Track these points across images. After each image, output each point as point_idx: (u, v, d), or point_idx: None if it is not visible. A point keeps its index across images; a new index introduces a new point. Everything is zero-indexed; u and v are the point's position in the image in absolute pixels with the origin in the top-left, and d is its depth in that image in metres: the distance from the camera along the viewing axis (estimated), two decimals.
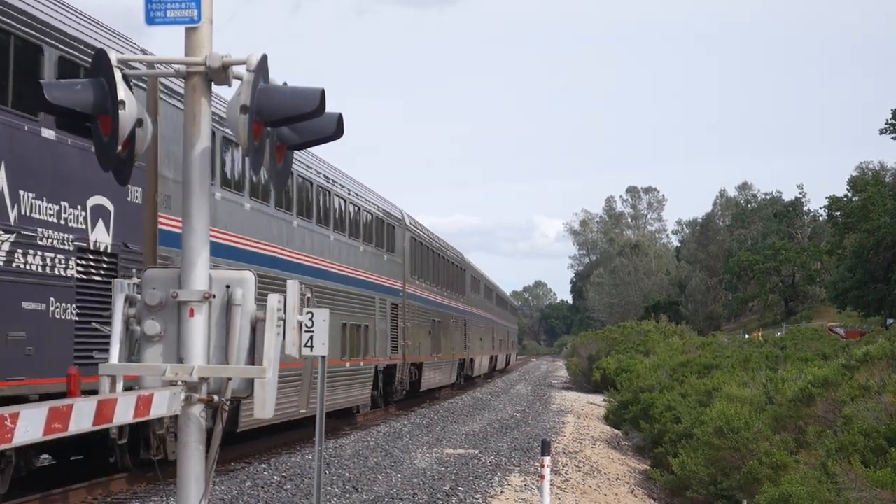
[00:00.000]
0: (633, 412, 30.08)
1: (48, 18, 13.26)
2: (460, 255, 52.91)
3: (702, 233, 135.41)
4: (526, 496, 16.82)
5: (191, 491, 6.57)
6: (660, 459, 22.34)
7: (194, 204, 6.67)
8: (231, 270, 6.99)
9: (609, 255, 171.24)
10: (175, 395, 6.40)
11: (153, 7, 6.64)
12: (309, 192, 24.37)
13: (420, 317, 37.07)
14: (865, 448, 13.94)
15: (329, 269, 25.52)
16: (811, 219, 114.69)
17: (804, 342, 44.50)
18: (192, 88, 6.69)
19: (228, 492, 16.37)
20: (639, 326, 69.61)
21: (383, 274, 31.42)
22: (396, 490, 16.95)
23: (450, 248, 48.63)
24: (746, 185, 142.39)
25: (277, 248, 21.61)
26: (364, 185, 31.40)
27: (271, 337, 6.71)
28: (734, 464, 17.52)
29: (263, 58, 6.63)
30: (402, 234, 35.06)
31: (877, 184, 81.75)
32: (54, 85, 6.84)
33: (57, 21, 13.50)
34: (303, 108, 6.63)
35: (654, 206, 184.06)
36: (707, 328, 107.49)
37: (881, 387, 16.43)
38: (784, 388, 19.96)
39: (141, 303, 6.74)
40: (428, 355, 38.52)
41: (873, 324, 71.98)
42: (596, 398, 45.23)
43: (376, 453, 22.20)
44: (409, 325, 34.36)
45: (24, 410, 4.91)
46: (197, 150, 6.66)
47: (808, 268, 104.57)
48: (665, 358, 39.93)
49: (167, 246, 15.85)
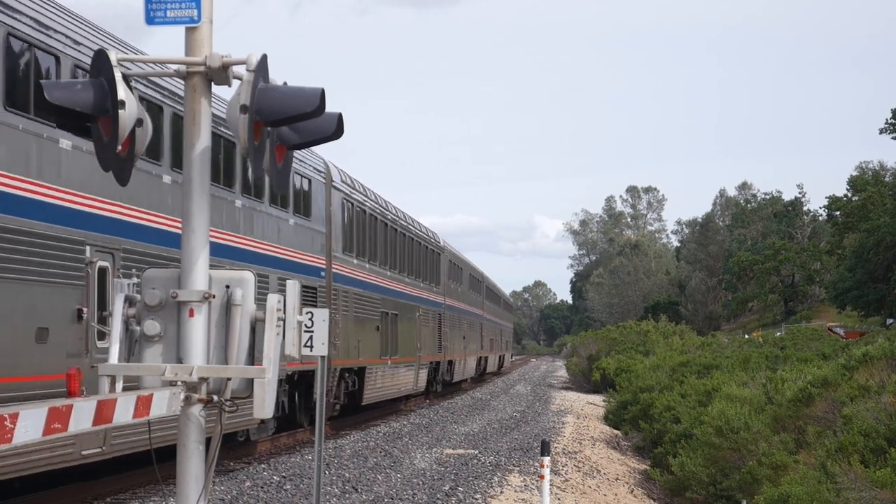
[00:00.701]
0: (633, 412, 30.09)
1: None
2: (434, 235, 44.25)
3: (702, 233, 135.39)
4: (526, 496, 16.81)
5: (190, 491, 6.57)
6: (659, 459, 22.34)
7: (194, 204, 6.67)
8: (231, 270, 6.98)
9: (609, 255, 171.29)
10: (175, 395, 6.40)
11: (153, 7, 6.63)
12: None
13: (360, 307, 28.50)
14: (865, 448, 13.93)
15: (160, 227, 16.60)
16: (811, 219, 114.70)
17: (804, 342, 44.52)
18: (192, 88, 6.69)
19: (228, 492, 16.36)
20: (638, 326, 69.59)
21: (290, 246, 22.75)
22: (396, 490, 16.94)
23: (418, 226, 39.87)
24: (746, 185, 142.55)
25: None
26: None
27: (271, 337, 6.71)
28: (734, 464, 17.52)
29: (263, 58, 6.62)
30: (326, 193, 26.01)
31: (877, 184, 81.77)
32: (54, 85, 6.84)
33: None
34: (303, 107, 6.62)
35: (654, 206, 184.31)
36: (707, 328, 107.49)
37: (881, 387, 16.42)
38: (784, 389, 19.96)
39: (141, 303, 6.74)
40: (376, 357, 30.07)
41: (873, 324, 71.99)
42: (596, 398, 45.24)
43: (376, 453, 22.20)
44: (340, 318, 25.99)
45: (23, 410, 4.91)
46: (197, 150, 6.66)
47: (808, 268, 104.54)
48: (665, 358, 39.93)
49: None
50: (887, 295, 71.31)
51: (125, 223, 15.34)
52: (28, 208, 12.98)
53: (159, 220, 16.30)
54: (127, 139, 6.69)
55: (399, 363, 33.54)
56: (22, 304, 12.76)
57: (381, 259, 31.77)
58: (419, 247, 39.09)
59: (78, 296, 13.82)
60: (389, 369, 32.14)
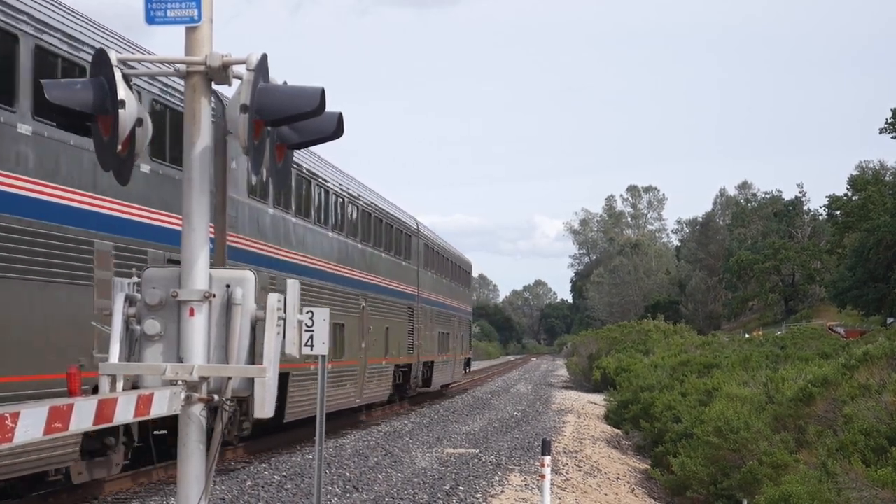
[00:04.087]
0: (634, 411, 30.10)
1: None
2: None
3: (702, 232, 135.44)
4: (526, 496, 16.81)
5: (191, 491, 6.56)
6: (660, 459, 22.34)
7: (194, 203, 6.67)
8: (231, 270, 6.98)
9: (609, 254, 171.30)
10: (175, 394, 6.40)
11: (153, 7, 6.63)
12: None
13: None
14: (866, 447, 13.94)
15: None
16: (811, 218, 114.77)
17: (804, 341, 44.52)
18: (192, 88, 6.68)
19: (228, 492, 16.36)
20: (639, 326, 69.63)
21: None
22: (397, 489, 16.94)
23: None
24: (746, 185, 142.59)
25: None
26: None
27: (271, 336, 6.71)
28: (734, 463, 17.52)
29: (263, 57, 6.62)
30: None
31: (877, 183, 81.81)
32: (55, 84, 6.82)
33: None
34: (303, 107, 6.62)
35: (654, 206, 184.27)
36: (707, 327, 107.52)
37: (881, 386, 16.43)
38: (784, 388, 19.96)
39: (141, 302, 6.74)
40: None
41: (873, 323, 72.02)
42: (596, 397, 45.24)
43: (377, 453, 22.19)
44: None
45: (24, 410, 4.91)
46: (197, 150, 6.66)
47: (808, 267, 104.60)
48: (665, 357, 39.94)
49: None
50: (887, 294, 71.31)
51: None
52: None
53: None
54: (127, 139, 6.68)
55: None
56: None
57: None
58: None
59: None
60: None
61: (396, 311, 32.90)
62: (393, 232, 32.99)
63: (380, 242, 31.01)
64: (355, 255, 27.93)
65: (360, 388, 27.99)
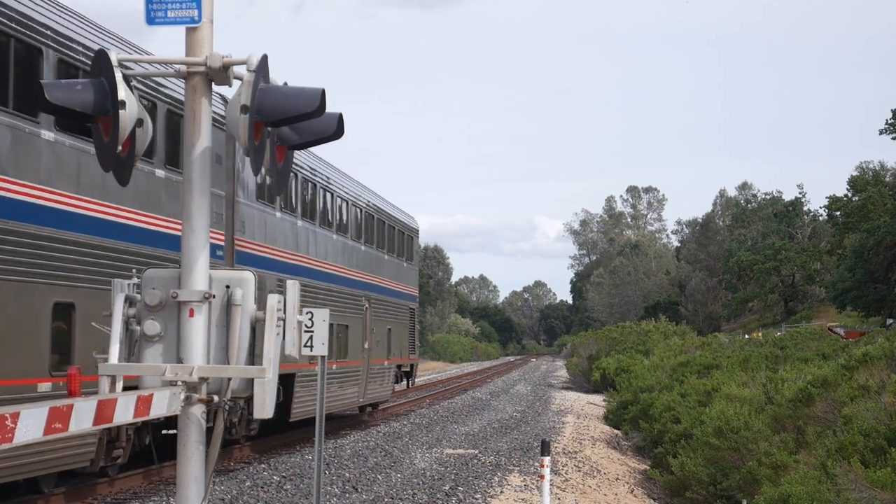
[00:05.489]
0: (633, 412, 30.09)
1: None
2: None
3: (702, 233, 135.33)
4: (526, 496, 16.81)
5: (191, 491, 6.56)
6: (659, 459, 22.34)
7: (194, 204, 6.67)
8: (230, 270, 6.98)
9: (609, 255, 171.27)
10: (175, 395, 6.39)
11: (153, 7, 6.63)
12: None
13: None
14: (865, 448, 13.93)
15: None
16: (811, 219, 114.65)
17: (804, 342, 44.48)
18: (192, 88, 6.68)
19: (228, 492, 16.37)
20: (638, 326, 69.62)
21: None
22: (396, 490, 16.95)
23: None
24: (746, 185, 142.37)
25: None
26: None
27: (271, 337, 6.71)
28: (734, 464, 17.52)
29: (264, 58, 6.62)
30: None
31: (877, 184, 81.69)
32: (55, 85, 6.82)
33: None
34: (303, 108, 6.62)
35: (654, 206, 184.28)
36: (707, 328, 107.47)
37: (881, 387, 16.42)
38: (784, 389, 19.95)
39: (141, 303, 6.74)
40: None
41: (873, 324, 71.92)
42: (596, 398, 45.24)
43: (376, 453, 22.19)
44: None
45: (24, 410, 4.91)
46: (197, 150, 6.66)
47: (808, 268, 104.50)
48: (665, 358, 39.94)
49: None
50: (887, 295, 71.25)
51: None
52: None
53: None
54: (127, 139, 6.68)
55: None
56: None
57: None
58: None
59: None
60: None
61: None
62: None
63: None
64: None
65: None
